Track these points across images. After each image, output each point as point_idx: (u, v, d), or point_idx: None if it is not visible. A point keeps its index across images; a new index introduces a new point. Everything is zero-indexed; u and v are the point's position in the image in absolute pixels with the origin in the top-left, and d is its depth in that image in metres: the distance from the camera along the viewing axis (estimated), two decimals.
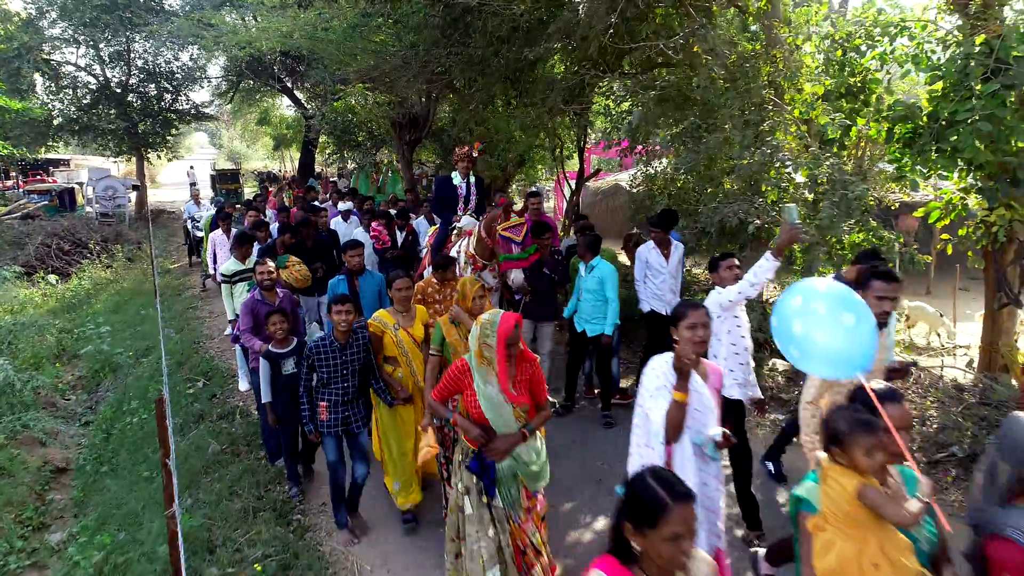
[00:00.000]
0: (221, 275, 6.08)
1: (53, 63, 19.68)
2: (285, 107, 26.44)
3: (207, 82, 22.09)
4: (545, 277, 5.48)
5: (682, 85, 6.37)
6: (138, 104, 20.89)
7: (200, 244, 11.92)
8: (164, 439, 2.48)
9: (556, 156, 11.67)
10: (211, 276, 8.57)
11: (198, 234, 11.92)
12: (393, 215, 7.03)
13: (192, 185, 18.55)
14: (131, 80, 20.60)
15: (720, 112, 5.93)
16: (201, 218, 11.35)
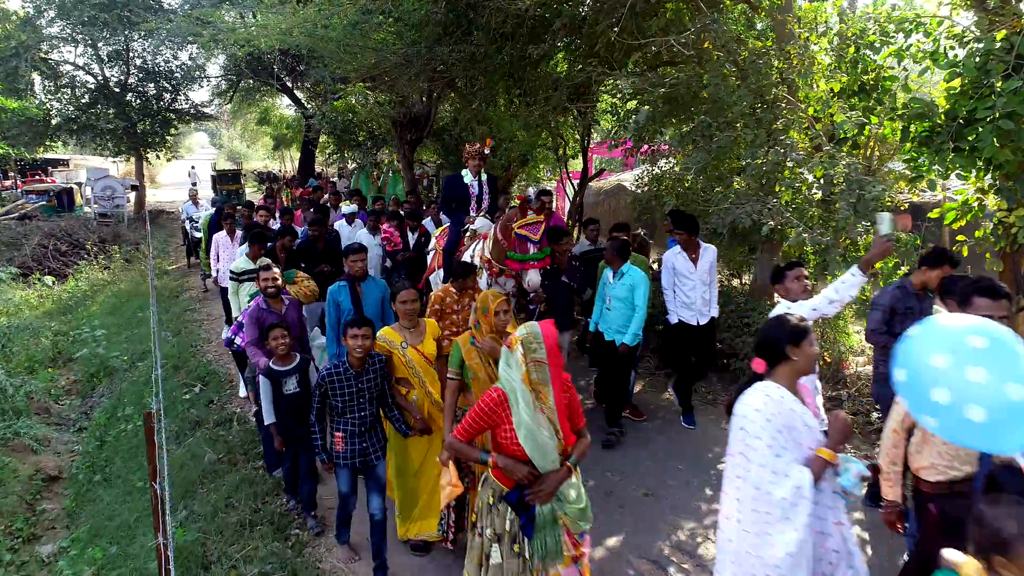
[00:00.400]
0: (231, 272, 5.92)
1: (51, 62, 19.56)
2: (285, 107, 26.35)
3: (206, 81, 22.01)
4: (562, 285, 5.21)
5: (691, 83, 6.20)
6: (137, 103, 20.75)
7: (198, 245, 11.77)
8: (152, 458, 2.32)
9: (559, 156, 11.52)
10: (211, 277, 8.41)
11: (196, 235, 11.76)
12: (404, 216, 6.85)
13: (192, 184, 18.41)
14: (130, 79, 20.47)
15: (731, 110, 5.77)
16: (199, 218, 11.20)
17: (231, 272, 5.91)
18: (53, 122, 19.66)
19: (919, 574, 2.78)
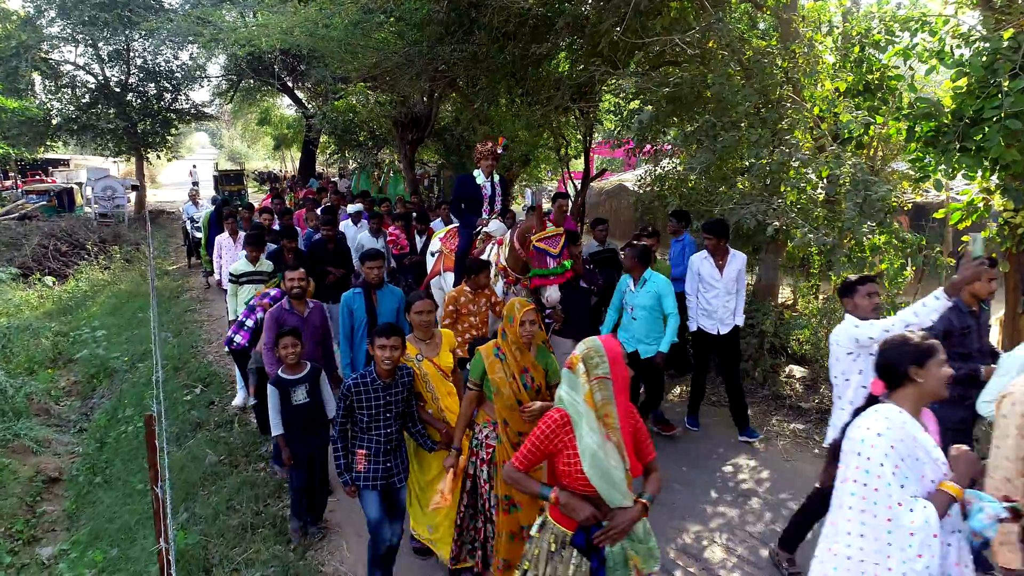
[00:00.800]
0: (230, 275, 5.87)
1: (52, 62, 19.54)
2: (286, 107, 26.35)
3: (207, 81, 21.98)
4: (581, 293, 5.04)
5: (695, 82, 6.17)
6: (137, 103, 20.72)
7: (199, 245, 11.75)
8: (153, 461, 2.29)
9: (561, 156, 11.50)
10: (213, 274, 8.36)
11: (197, 235, 11.73)
12: (412, 217, 6.76)
13: (193, 184, 18.37)
14: (130, 79, 20.44)
15: (735, 109, 5.74)
16: (199, 218, 11.17)
17: (230, 274, 5.85)
18: (54, 122, 19.64)
19: None
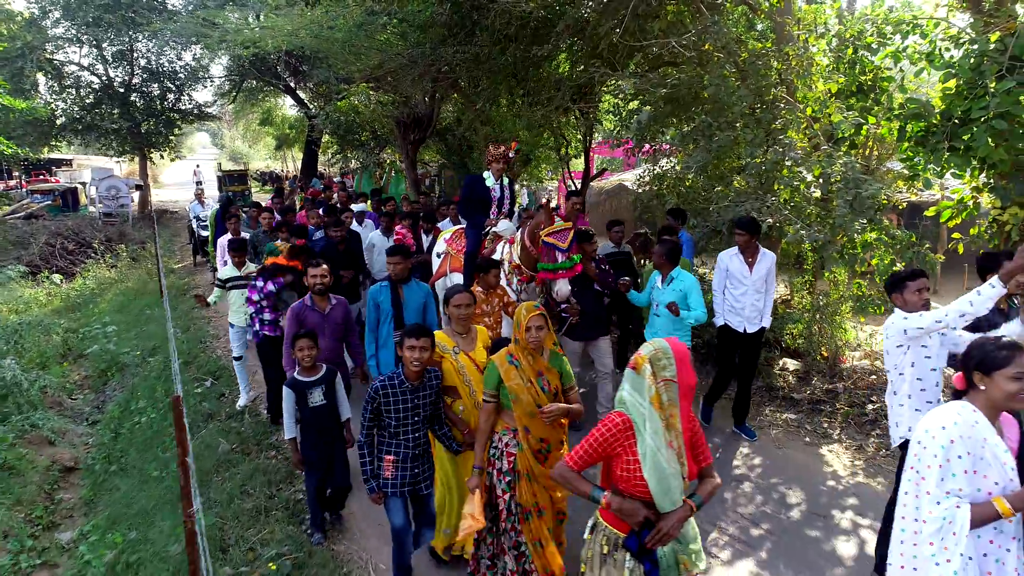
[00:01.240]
0: (217, 280, 6.01)
1: (56, 63, 19.70)
2: (288, 107, 26.49)
3: (210, 82, 22.14)
4: (593, 294, 5.11)
5: (692, 83, 6.34)
6: (141, 104, 20.92)
7: (205, 243, 11.94)
8: (182, 440, 2.46)
9: (562, 156, 11.66)
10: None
11: (203, 233, 11.94)
12: (419, 217, 6.88)
13: (198, 184, 18.53)
14: (134, 80, 20.63)
15: (731, 110, 5.90)
16: (206, 217, 11.36)
17: (217, 280, 5.95)
18: (58, 122, 19.82)
19: None
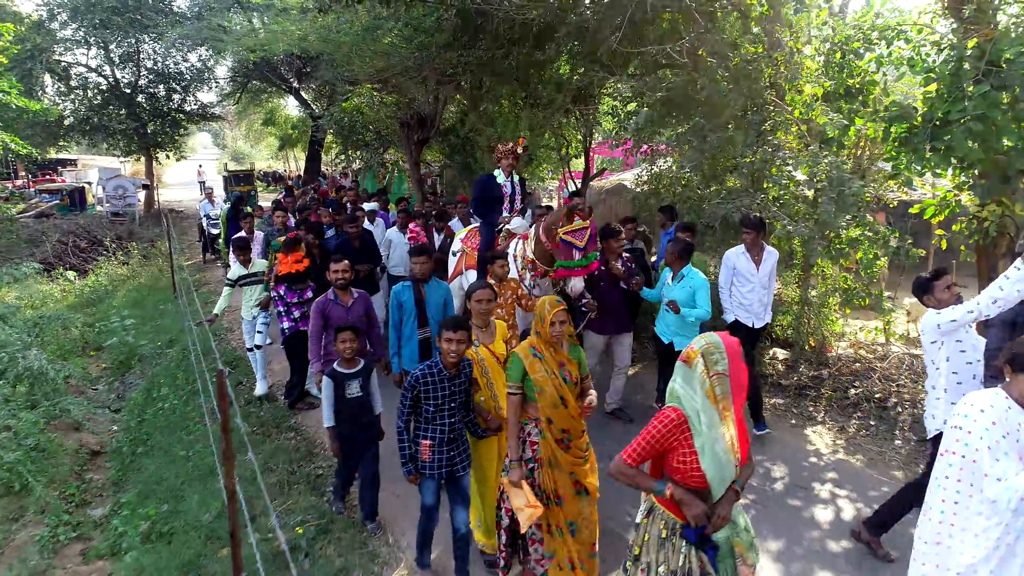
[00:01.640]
0: (227, 280, 6.27)
1: (64, 64, 20.01)
2: (291, 107, 26.77)
3: (215, 83, 22.43)
4: (618, 290, 5.25)
5: (687, 86, 6.64)
6: (147, 105, 21.22)
7: (215, 241, 12.26)
8: (224, 408, 2.76)
9: (562, 156, 11.94)
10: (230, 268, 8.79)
11: (213, 231, 12.26)
12: (432, 216, 7.13)
13: (203, 183, 18.81)
14: (140, 81, 20.94)
15: (724, 112, 6.20)
16: (217, 215, 11.68)
17: (228, 280, 6.20)
18: (66, 123, 20.12)
19: None
